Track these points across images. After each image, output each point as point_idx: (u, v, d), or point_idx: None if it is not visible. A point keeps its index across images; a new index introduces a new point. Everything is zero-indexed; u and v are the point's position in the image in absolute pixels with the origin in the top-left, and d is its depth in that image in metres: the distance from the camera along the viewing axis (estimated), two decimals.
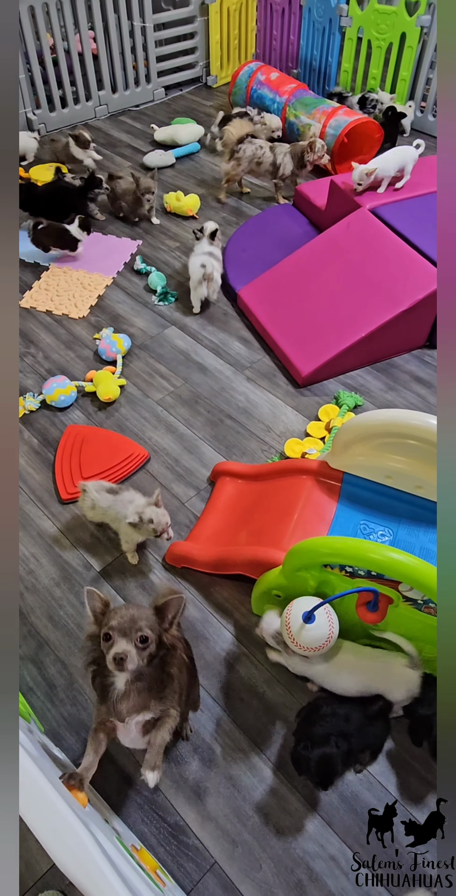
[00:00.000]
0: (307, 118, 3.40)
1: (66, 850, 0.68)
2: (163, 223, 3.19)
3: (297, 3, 3.99)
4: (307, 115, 3.41)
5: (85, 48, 3.79)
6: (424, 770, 1.44)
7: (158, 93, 4.30)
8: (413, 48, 3.58)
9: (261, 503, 1.82)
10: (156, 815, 1.38)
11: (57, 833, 0.69)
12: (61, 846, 0.68)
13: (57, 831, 0.69)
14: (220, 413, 2.25)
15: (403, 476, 1.64)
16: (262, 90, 3.71)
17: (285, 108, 3.54)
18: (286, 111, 3.52)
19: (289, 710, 1.53)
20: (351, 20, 3.71)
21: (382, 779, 1.42)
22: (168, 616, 1.09)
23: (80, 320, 2.64)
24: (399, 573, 1.27)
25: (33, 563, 1.83)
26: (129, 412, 2.26)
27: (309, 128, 3.37)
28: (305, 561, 1.40)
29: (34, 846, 1.32)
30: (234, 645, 1.65)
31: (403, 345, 2.46)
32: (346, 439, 1.66)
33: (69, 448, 2.09)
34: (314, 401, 2.29)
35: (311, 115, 3.40)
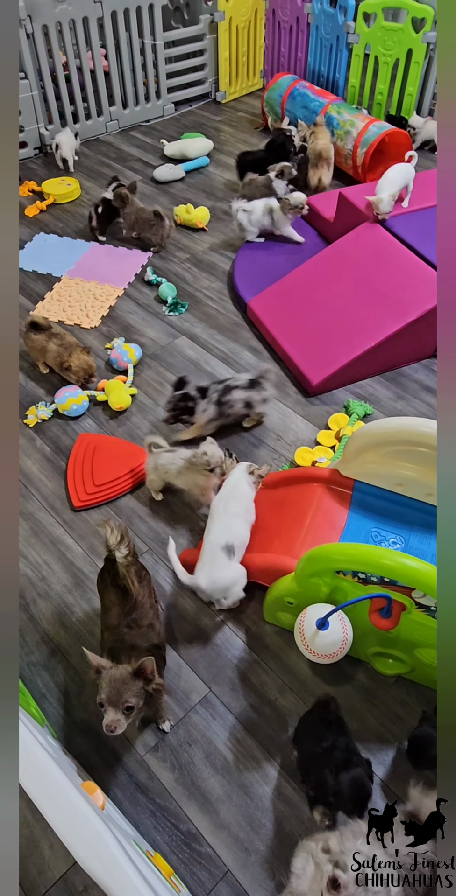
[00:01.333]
0: (350, 116, 3.47)
1: (87, 848, 0.68)
2: (173, 235, 3.23)
3: (304, 21, 4.05)
4: (350, 115, 3.48)
5: (97, 65, 3.87)
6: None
7: (168, 108, 4.36)
8: (420, 64, 3.62)
9: (272, 511, 1.83)
10: (168, 823, 1.38)
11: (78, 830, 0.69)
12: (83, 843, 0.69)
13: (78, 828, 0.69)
14: None
15: (414, 484, 1.64)
16: (304, 90, 3.78)
17: (328, 105, 3.60)
18: (329, 107, 3.58)
19: None
20: (358, 37, 3.76)
21: (392, 784, 1.42)
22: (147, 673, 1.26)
23: (92, 330, 2.67)
24: (412, 579, 1.27)
25: (46, 569, 1.84)
26: (141, 421, 2.27)
27: (351, 124, 3.44)
28: (318, 567, 1.40)
29: (47, 853, 1.33)
30: (245, 652, 1.65)
31: (412, 354, 2.48)
32: (357, 447, 1.67)
33: (81, 456, 2.10)
34: (324, 410, 2.30)
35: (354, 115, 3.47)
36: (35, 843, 1.34)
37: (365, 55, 3.84)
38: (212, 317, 2.74)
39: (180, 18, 4.44)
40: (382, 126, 3.38)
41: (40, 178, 3.64)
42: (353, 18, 3.72)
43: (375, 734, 1.50)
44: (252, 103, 4.58)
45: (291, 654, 1.64)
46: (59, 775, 0.75)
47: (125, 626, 1.39)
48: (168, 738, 1.50)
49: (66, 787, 0.74)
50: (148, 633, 1.41)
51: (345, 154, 3.50)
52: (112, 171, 3.75)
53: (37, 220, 3.37)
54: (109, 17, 3.75)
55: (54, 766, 0.76)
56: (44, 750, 0.78)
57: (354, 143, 3.41)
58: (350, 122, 3.45)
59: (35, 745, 0.77)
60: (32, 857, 1.33)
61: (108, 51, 3.87)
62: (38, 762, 0.76)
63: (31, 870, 1.31)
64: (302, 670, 1.61)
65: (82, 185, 3.61)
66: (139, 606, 1.43)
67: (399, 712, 1.53)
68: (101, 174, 3.73)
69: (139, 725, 1.51)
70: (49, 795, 0.73)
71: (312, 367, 2.35)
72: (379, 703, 1.55)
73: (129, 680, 1.24)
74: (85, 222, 3.31)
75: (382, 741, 1.49)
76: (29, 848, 1.34)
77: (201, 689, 1.58)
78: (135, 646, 1.36)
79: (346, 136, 3.47)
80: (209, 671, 1.61)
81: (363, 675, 1.60)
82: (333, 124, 3.53)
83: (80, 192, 3.57)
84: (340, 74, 3.96)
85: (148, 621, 1.43)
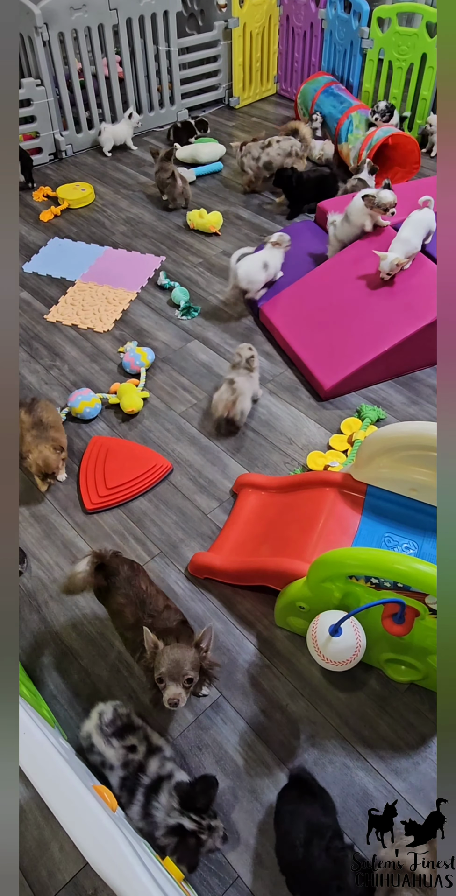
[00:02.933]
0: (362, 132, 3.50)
1: (98, 849, 0.68)
2: (186, 240, 3.24)
3: (318, 26, 4.06)
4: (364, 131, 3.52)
5: (111, 72, 3.90)
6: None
7: (182, 114, 4.39)
8: (434, 68, 3.60)
9: (284, 515, 1.82)
10: None
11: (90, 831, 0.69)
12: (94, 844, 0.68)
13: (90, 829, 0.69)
14: (242, 425, 2.26)
15: (427, 489, 1.63)
16: (340, 91, 3.80)
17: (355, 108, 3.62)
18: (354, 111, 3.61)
19: (312, 724, 1.51)
20: (372, 42, 3.76)
21: (394, 784, 1.40)
22: (203, 646, 1.33)
23: (105, 334, 2.69)
24: (426, 585, 1.26)
25: (57, 571, 1.84)
26: (153, 424, 2.28)
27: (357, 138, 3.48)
28: (331, 572, 1.40)
29: (57, 855, 1.33)
30: (256, 657, 1.65)
31: (426, 359, 2.46)
32: (370, 451, 1.66)
33: (94, 459, 2.11)
34: (336, 414, 2.29)
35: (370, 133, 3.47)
36: (45, 845, 1.34)
37: (379, 60, 3.83)
38: (224, 321, 2.74)
39: (195, 25, 4.46)
40: (387, 130, 3.36)
41: (55, 184, 3.67)
42: (367, 23, 3.72)
43: (387, 742, 1.48)
44: (266, 108, 4.59)
45: (303, 659, 1.63)
46: (71, 776, 0.75)
47: (148, 617, 1.42)
48: (178, 743, 1.49)
49: (78, 788, 0.74)
50: (168, 614, 1.45)
51: (353, 156, 3.50)
52: (126, 177, 3.78)
53: (51, 224, 3.40)
54: (124, 25, 3.79)
55: (66, 767, 0.76)
56: (56, 751, 0.78)
57: (360, 145, 3.43)
58: (356, 136, 3.50)
59: (48, 746, 0.77)
60: (43, 859, 1.33)
61: (122, 57, 3.90)
62: (51, 763, 0.76)
63: (41, 872, 1.31)
64: (313, 676, 1.60)
65: (96, 191, 3.64)
66: (148, 596, 1.46)
67: (412, 720, 1.52)
68: (116, 179, 3.76)
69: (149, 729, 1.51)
70: (61, 796, 0.73)
71: (325, 372, 2.34)
72: (391, 711, 1.53)
73: (187, 654, 1.29)
74: (99, 228, 3.34)
75: (395, 749, 1.47)
76: (39, 850, 1.34)
77: (212, 693, 1.58)
78: (167, 629, 1.39)
79: (356, 140, 3.48)
80: (220, 675, 1.61)
81: (375, 682, 1.58)
82: (351, 128, 3.55)
83: (94, 197, 3.59)
84: (354, 79, 3.96)
85: (162, 605, 1.47)
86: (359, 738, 1.49)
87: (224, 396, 2.14)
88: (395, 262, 2.38)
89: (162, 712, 1.54)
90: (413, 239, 2.42)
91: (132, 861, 0.67)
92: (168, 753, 1.38)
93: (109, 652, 1.66)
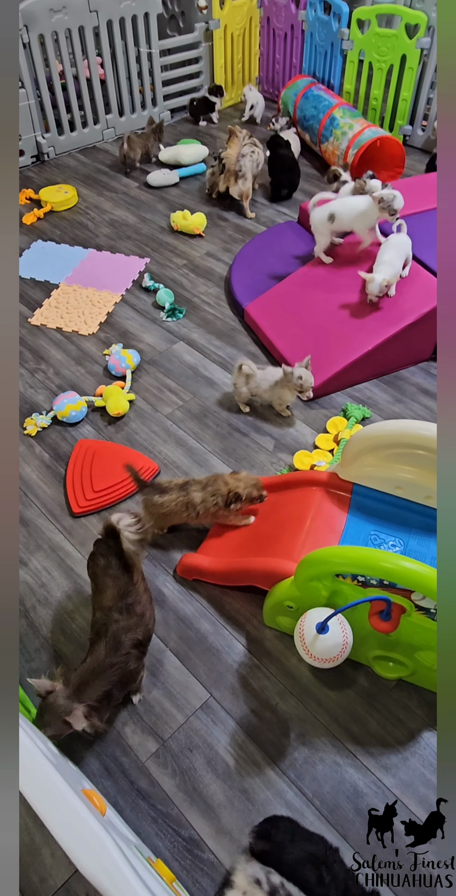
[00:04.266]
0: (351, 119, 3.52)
1: (87, 854, 0.68)
2: (170, 241, 3.24)
3: (299, 28, 4.08)
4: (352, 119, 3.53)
5: (93, 74, 3.88)
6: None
7: (164, 116, 4.39)
8: (414, 69, 3.64)
9: (271, 515, 1.83)
10: (170, 829, 1.37)
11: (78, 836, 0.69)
12: (83, 849, 0.68)
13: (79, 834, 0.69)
14: (228, 426, 2.27)
15: (412, 486, 1.65)
16: (319, 92, 3.81)
17: (335, 107, 3.63)
18: (335, 109, 3.62)
19: (302, 723, 1.52)
20: (352, 43, 3.79)
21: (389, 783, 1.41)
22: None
23: (90, 337, 2.68)
24: (412, 582, 1.27)
25: (45, 576, 1.83)
26: (139, 426, 2.28)
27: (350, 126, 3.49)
28: (318, 571, 1.40)
29: (48, 861, 1.32)
30: (246, 657, 1.65)
31: (410, 357, 2.48)
32: (355, 450, 1.67)
33: (80, 462, 2.10)
34: (322, 413, 2.31)
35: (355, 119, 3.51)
36: (36, 851, 1.34)
37: (359, 61, 3.86)
38: (209, 322, 2.75)
39: (175, 27, 4.46)
40: (376, 131, 3.40)
41: (37, 187, 3.65)
42: (347, 25, 3.74)
43: (376, 738, 1.50)
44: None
45: (292, 658, 1.64)
46: (59, 781, 0.75)
47: (117, 612, 1.42)
48: (169, 744, 1.49)
49: (66, 794, 0.74)
50: (138, 623, 1.43)
51: (338, 154, 3.52)
52: (109, 178, 3.77)
53: (34, 227, 3.38)
54: (105, 27, 3.78)
55: (54, 772, 0.75)
56: (44, 756, 0.78)
57: (347, 143, 3.44)
58: (349, 125, 3.49)
59: (35, 751, 0.76)
60: (34, 864, 1.32)
61: (104, 59, 3.89)
62: (39, 768, 0.75)
63: (32, 878, 1.30)
64: (303, 674, 1.61)
65: (79, 193, 3.63)
66: (136, 592, 1.46)
67: (401, 716, 1.53)
68: (99, 181, 3.75)
69: (140, 731, 1.51)
70: (50, 802, 0.72)
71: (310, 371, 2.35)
72: (380, 707, 1.55)
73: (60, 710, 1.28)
74: (83, 230, 3.33)
75: (384, 745, 1.48)
76: (30, 856, 1.33)
77: (202, 694, 1.58)
78: (119, 642, 1.38)
79: (342, 136, 3.50)
80: (210, 676, 1.61)
81: (364, 679, 1.59)
82: (334, 125, 3.56)
83: (77, 199, 3.58)
84: (335, 80, 3.99)
85: (141, 609, 1.46)
86: (349, 736, 1.50)
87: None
88: (384, 284, 2.34)
89: (152, 715, 1.54)
90: (396, 261, 2.40)
91: (122, 865, 0.67)
92: None
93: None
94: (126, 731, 1.51)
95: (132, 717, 1.53)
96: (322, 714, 1.54)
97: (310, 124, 3.78)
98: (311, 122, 3.77)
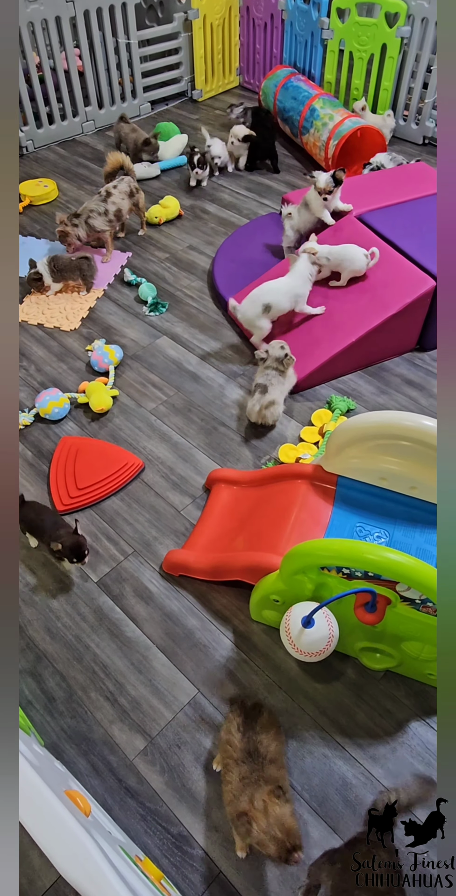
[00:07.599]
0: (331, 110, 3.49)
1: (69, 858, 0.67)
2: (152, 235, 3.21)
3: (278, 17, 4.05)
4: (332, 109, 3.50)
5: (71, 66, 3.82)
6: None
7: (145, 107, 4.33)
8: (394, 59, 3.63)
9: (256, 509, 1.82)
10: (159, 827, 1.37)
11: (60, 840, 0.68)
12: (65, 854, 0.67)
13: (60, 838, 0.68)
14: (213, 421, 2.25)
15: (397, 477, 1.65)
16: (298, 83, 3.78)
17: (315, 98, 3.61)
18: (315, 100, 3.60)
19: (290, 716, 1.52)
20: (332, 33, 3.76)
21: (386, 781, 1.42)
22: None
23: (72, 332, 2.65)
24: (396, 573, 1.27)
25: (30, 575, 1.81)
26: (123, 422, 2.26)
27: (330, 117, 3.46)
28: (303, 564, 1.40)
29: (36, 862, 1.31)
30: (233, 652, 1.65)
31: (394, 348, 2.48)
32: (339, 442, 1.67)
33: (63, 459, 2.08)
34: (307, 406, 2.30)
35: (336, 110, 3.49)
36: (24, 853, 1.32)
37: (340, 51, 3.84)
38: (193, 316, 2.73)
39: (154, 17, 4.41)
40: (356, 121, 3.39)
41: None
42: (326, 14, 3.72)
43: (364, 730, 1.50)
44: (229, 101, 4.56)
45: (279, 652, 1.64)
46: (40, 784, 0.74)
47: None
48: (157, 741, 1.49)
49: (48, 797, 0.73)
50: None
51: (319, 145, 3.51)
52: (89, 172, 3.72)
53: None
54: (82, 17, 3.72)
55: (36, 776, 0.74)
56: (24, 759, 0.76)
57: (328, 134, 3.42)
58: (329, 115, 3.46)
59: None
60: (22, 866, 1.31)
61: (82, 50, 3.83)
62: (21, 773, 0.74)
63: (20, 880, 1.29)
64: (290, 668, 1.61)
65: (59, 187, 3.58)
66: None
67: (388, 707, 1.54)
68: (79, 175, 3.70)
69: (128, 729, 1.50)
70: (31, 806, 0.71)
71: (294, 364, 2.34)
72: (368, 699, 1.55)
73: None
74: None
75: (372, 736, 1.49)
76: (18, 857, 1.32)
77: (190, 689, 1.57)
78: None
79: (323, 127, 3.47)
80: (197, 672, 1.60)
81: (352, 671, 1.60)
82: (314, 116, 3.54)
83: (57, 193, 3.53)
84: (316, 70, 3.96)
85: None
86: (337, 728, 1.50)
87: (256, 407, 2.14)
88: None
89: (139, 712, 1.53)
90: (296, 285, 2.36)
91: (104, 868, 0.66)
92: None
93: (85, 655, 1.64)
94: (113, 729, 1.51)
95: (119, 715, 1.52)
96: (310, 707, 1.54)
97: (290, 115, 3.75)
98: (291, 114, 3.74)
